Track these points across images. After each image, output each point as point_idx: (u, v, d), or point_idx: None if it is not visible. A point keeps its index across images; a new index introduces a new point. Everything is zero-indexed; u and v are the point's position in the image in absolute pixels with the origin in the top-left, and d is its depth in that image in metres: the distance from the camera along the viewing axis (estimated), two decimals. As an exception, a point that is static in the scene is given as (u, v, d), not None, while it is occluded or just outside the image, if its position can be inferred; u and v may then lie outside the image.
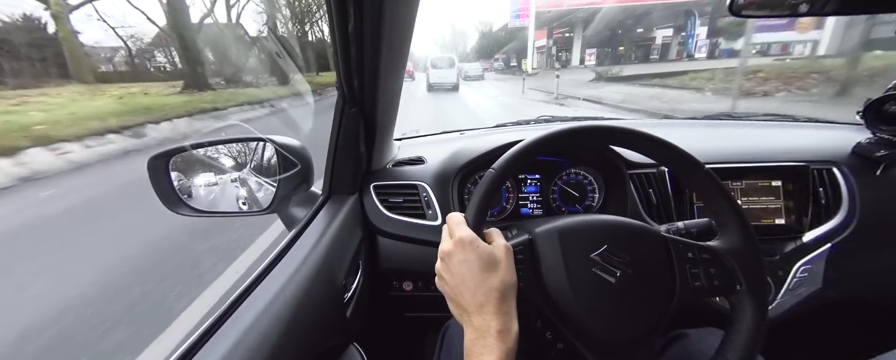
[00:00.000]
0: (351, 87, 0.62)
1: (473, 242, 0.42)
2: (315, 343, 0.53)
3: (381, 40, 0.54)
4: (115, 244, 2.39)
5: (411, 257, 0.81)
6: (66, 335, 1.56)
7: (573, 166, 0.87)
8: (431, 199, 0.81)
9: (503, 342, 0.37)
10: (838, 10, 0.53)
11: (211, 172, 0.74)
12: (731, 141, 0.97)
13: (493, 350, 0.37)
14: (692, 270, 0.44)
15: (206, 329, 0.41)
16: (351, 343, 0.64)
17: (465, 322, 0.41)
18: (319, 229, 0.64)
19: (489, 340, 0.37)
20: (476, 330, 0.38)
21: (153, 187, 0.66)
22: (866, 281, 0.80)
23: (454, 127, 1.27)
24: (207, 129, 6.95)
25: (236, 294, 0.47)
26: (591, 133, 0.49)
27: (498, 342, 0.37)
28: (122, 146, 5.19)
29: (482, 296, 0.39)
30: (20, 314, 1.72)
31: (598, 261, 0.44)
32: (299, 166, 0.69)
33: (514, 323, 0.39)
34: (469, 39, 68.05)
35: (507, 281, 0.41)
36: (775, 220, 0.79)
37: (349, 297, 0.66)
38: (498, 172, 0.46)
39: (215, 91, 10.45)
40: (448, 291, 0.43)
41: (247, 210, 0.77)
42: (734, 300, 0.44)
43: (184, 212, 0.68)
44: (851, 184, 0.79)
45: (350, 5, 0.49)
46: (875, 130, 0.81)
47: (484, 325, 0.38)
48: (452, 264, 0.42)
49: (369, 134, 0.75)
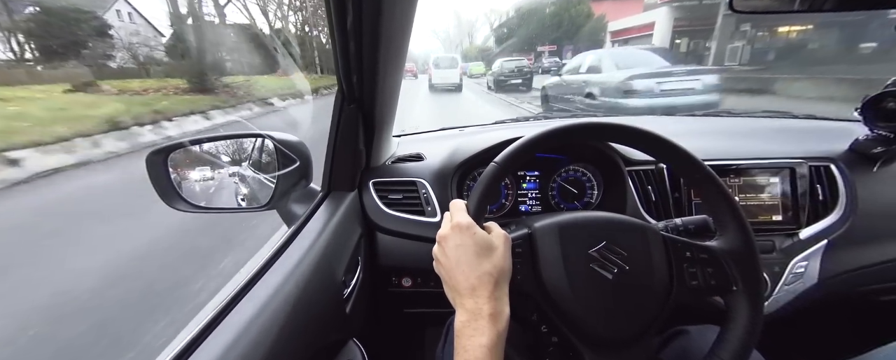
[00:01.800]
0: (350, 83, 0.62)
1: (470, 227, 0.42)
2: (314, 339, 0.54)
3: (380, 36, 0.54)
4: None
5: (410, 254, 0.81)
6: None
7: (572, 163, 0.87)
8: (430, 195, 0.81)
9: (494, 325, 0.38)
10: (837, 7, 0.53)
11: (210, 168, 0.74)
12: (728, 137, 0.97)
13: (485, 332, 0.37)
14: (689, 269, 0.44)
15: (206, 325, 0.41)
16: (350, 339, 0.65)
17: (457, 305, 0.41)
18: (319, 225, 0.64)
19: (481, 322, 0.38)
20: (468, 312, 0.39)
21: (152, 182, 0.66)
22: (862, 278, 0.81)
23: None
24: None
25: (236, 290, 0.47)
26: (592, 130, 0.49)
27: (489, 325, 0.38)
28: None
29: (475, 279, 0.40)
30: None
31: (595, 257, 0.44)
32: (298, 163, 0.69)
33: (505, 308, 0.40)
34: (479, 30, 58.18)
35: (501, 267, 0.41)
36: (772, 216, 0.79)
37: (348, 293, 0.66)
38: (500, 166, 0.46)
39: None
40: (443, 273, 0.44)
41: (246, 206, 0.77)
42: (730, 299, 0.45)
43: (181, 207, 0.68)
44: (848, 180, 0.79)
45: (349, 1, 0.49)
46: (873, 127, 0.81)
47: (476, 308, 0.39)
48: (448, 248, 0.43)
49: (368, 130, 0.75)
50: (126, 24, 15.18)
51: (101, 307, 1.68)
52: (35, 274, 2.01)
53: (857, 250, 0.79)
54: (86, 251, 2.24)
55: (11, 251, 2.28)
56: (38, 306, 1.70)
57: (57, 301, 1.72)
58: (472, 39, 59.13)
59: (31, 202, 3.26)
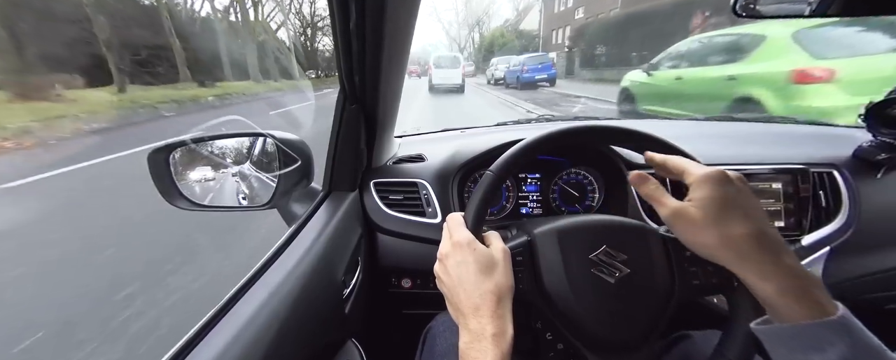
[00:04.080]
0: (352, 83, 0.62)
1: (471, 244, 0.42)
2: (313, 339, 0.53)
3: (383, 37, 0.54)
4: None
5: (410, 255, 0.81)
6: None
7: (573, 166, 0.87)
8: (431, 196, 0.81)
9: (498, 345, 0.37)
10: (842, 12, 0.52)
11: (211, 167, 0.75)
12: (731, 142, 0.97)
13: (488, 354, 0.37)
14: (690, 268, 0.44)
15: (205, 324, 0.41)
16: (349, 339, 0.65)
17: (460, 325, 0.41)
18: (319, 225, 0.64)
19: (484, 343, 0.37)
20: (471, 333, 0.38)
21: (153, 181, 0.66)
22: (866, 285, 0.80)
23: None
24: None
25: (235, 289, 0.47)
26: (592, 133, 0.49)
27: (493, 346, 0.37)
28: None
29: (478, 298, 0.39)
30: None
31: (597, 261, 0.44)
32: (299, 162, 0.69)
33: (509, 327, 0.39)
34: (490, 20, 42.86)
35: (503, 285, 0.41)
36: (775, 222, 0.79)
37: (348, 293, 0.66)
38: (496, 174, 0.46)
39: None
40: (446, 292, 0.44)
41: (247, 205, 0.77)
42: (732, 297, 0.44)
43: (183, 205, 0.68)
44: (852, 187, 0.79)
45: (351, 2, 0.49)
46: (876, 133, 0.81)
47: (479, 328, 0.38)
48: (450, 266, 0.42)
49: (370, 131, 0.75)
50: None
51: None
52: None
53: (861, 257, 0.78)
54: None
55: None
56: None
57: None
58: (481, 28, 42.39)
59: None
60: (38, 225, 2.61)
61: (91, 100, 7.64)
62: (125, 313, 1.60)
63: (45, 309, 1.71)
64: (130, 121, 7.18)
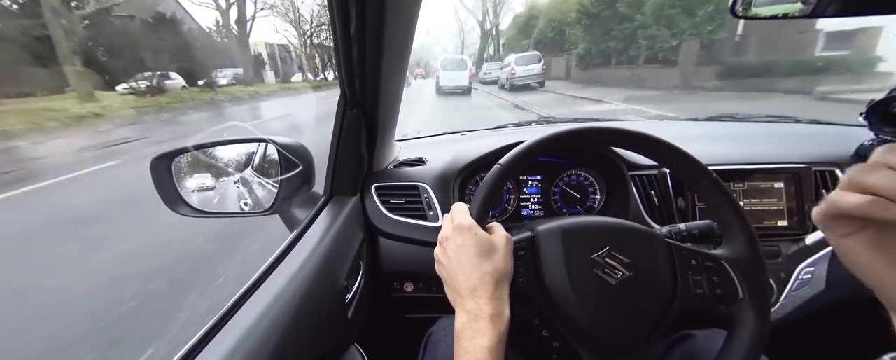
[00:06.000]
0: (353, 88, 0.62)
1: (472, 228, 0.42)
2: (316, 344, 0.53)
3: (383, 42, 0.54)
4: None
5: (412, 259, 0.81)
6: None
7: (574, 168, 0.87)
8: (433, 200, 0.81)
9: (495, 325, 0.38)
10: (840, 12, 0.52)
11: (213, 173, 0.75)
12: (733, 142, 0.97)
13: (485, 333, 0.37)
14: (694, 277, 0.44)
15: (208, 331, 0.41)
16: (352, 344, 0.64)
17: (457, 306, 0.41)
18: (321, 229, 0.64)
19: (481, 323, 0.38)
20: (468, 313, 0.39)
21: (156, 187, 0.66)
22: None
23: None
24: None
25: (237, 296, 0.47)
26: (597, 134, 0.49)
27: (490, 326, 0.38)
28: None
29: (476, 280, 0.40)
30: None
31: (599, 262, 0.44)
32: (301, 167, 0.69)
33: (506, 309, 0.40)
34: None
35: (501, 269, 0.41)
36: (777, 222, 0.79)
37: (350, 298, 0.66)
38: (504, 168, 0.46)
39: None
40: (444, 274, 0.44)
41: (249, 211, 0.77)
42: (736, 309, 0.44)
43: (185, 212, 0.68)
44: None
45: (352, 7, 0.49)
46: (878, 132, 0.81)
47: (477, 309, 0.39)
48: (450, 248, 0.43)
49: (371, 135, 0.75)
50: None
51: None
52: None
53: None
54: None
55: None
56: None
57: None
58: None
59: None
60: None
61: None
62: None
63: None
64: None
